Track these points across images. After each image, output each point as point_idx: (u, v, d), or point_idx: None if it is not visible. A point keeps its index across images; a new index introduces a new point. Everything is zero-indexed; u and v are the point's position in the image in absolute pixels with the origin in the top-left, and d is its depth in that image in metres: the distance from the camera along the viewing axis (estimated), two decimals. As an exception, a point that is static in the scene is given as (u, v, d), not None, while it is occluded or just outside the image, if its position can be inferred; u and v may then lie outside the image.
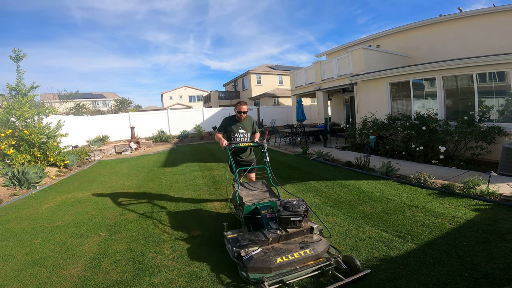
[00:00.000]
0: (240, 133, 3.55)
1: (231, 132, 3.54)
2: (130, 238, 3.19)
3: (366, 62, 9.28)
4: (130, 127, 13.20)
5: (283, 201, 2.59)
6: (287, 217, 2.41)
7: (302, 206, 2.46)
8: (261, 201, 2.80)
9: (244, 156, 3.61)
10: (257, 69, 26.22)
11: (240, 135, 3.55)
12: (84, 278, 2.42)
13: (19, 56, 7.24)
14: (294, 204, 2.47)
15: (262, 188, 3.20)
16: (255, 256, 2.22)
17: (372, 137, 7.68)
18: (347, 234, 2.98)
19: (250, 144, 3.43)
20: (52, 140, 7.56)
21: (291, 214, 2.42)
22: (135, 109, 28.54)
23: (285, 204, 2.51)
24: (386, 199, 3.99)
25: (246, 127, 3.59)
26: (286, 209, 2.45)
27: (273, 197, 2.94)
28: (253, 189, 3.18)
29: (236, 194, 2.89)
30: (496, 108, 6.11)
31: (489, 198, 3.65)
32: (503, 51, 6.49)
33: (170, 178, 6.24)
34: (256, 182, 3.36)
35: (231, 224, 3.07)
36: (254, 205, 2.71)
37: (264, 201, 2.82)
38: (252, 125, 3.67)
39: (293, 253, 2.22)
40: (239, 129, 3.55)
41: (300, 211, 2.43)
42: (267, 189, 3.18)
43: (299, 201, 2.55)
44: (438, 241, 2.68)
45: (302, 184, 5.01)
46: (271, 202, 2.77)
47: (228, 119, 3.62)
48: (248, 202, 2.76)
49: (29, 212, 4.31)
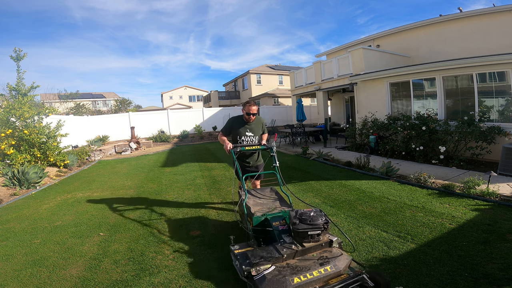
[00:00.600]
0: (248, 136, 3.20)
1: (238, 135, 3.18)
2: (130, 238, 3.19)
3: (366, 62, 9.28)
4: (130, 127, 13.20)
5: (299, 212, 2.28)
6: (305, 231, 2.11)
7: (321, 218, 2.18)
8: (271, 211, 2.52)
9: (251, 161, 3.29)
10: (257, 69, 26.21)
11: (247, 138, 3.20)
12: (84, 278, 2.42)
13: (19, 56, 7.24)
14: (312, 216, 2.19)
15: (271, 196, 2.91)
16: (268, 275, 1.94)
17: (372, 137, 7.68)
18: (347, 234, 2.97)
19: (256, 147, 3.10)
20: (52, 140, 7.56)
21: (309, 227, 2.11)
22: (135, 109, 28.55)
23: (301, 215, 2.23)
24: (386, 199, 3.99)
25: (255, 129, 3.22)
26: (303, 221, 2.17)
27: (284, 206, 2.66)
28: (261, 197, 2.87)
29: (244, 203, 2.59)
30: (496, 108, 6.11)
31: (489, 198, 3.65)
32: (503, 51, 6.50)
33: (170, 178, 6.24)
34: (264, 189, 3.06)
35: (237, 237, 2.80)
36: (264, 216, 2.45)
37: (275, 211, 2.53)
38: (261, 127, 3.31)
39: (312, 271, 1.95)
40: (246, 131, 3.18)
41: (319, 224, 2.13)
42: (277, 197, 2.89)
43: (317, 212, 2.27)
44: (438, 241, 2.68)
45: (302, 184, 5.01)
46: (282, 212, 2.51)
47: (235, 120, 3.23)
48: (257, 213, 2.49)
49: (29, 212, 4.31)
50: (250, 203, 2.69)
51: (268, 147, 3.07)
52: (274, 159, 2.96)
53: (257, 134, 3.26)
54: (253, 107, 3.11)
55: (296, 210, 2.34)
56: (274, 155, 2.97)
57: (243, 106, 3.19)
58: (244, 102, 3.19)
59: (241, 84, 27.75)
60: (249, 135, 3.21)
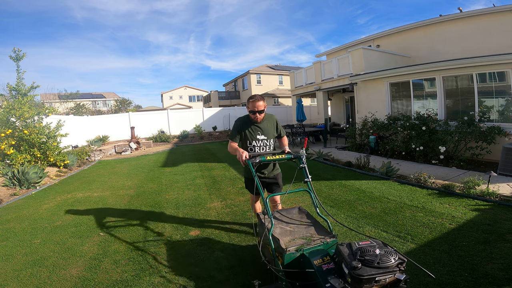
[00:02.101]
0: (260, 140, 2.59)
1: (247, 140, 2.59)
2: (130, 238, 3.19)
3: (366, 62, 9.29)
4: (130, 127, 13.20)
5: (355, 247, 1.57)
6: (372, 277, 1.40)
7: (393, 256, 1.46)
8: (308, 244, 1.84)
9: (266, 171, 2.68)
10: (257, 69, 26.22)
11: (260, 143, 2.59)
12: (84, 278, 2.42)
13: (19, 56, 7.24)
14: (380, 255, 1.47)
15: (302, 220, 2.21)
16: None
17: (372, 137, 7.68)
18: (347, 234, 2.97)
19: (280, 156, 2.41)
20: (52, 140, 7.56)
21: (379, 272, 1.41)
22: (135, 109, 28.57)
23: (362, 254, 1.48)
24: (386, 199, 3.99)
25: (267, 130, 2.61)
26: (367, 263, 1.44)
27: (324, 234, 1.97)
28: (289, 222, 2.17)
29: (270, 235, 1.90)
30: (496, 108, 6.11)
31: (489, 198, 3.65)
32: (503, 51, 6.50)
33: (170, 178, 6.24)
34: (290, 210, 2.36)
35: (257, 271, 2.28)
36: (300, 251, 1.78)
37: (314, 243, 1.84)
38: (275, 127, 2.70)
39: None
40: (257, 134, 2.58)
41: (392, 266, 1.43)
42: (310, 221, 2.19)
43: (379, 245, 1.56)
44: (438, 241, 2.68)
45: (302, 184, 5.00)
46: (324, 244, 1.85)
47: (242, 121, 2.63)
48: (290, 247, 1.79)
49: (29, 212, 4.31)
50: (277, 232, 2.01)
51: (295, 156, 2.36)
52: (305, 172, 2.27)
53: (271, 136, 2.65)
54: (258, 102, 2.48)
55: (348, 243, 1.63)
56: (304, 166, 2.29)
57: (247, 102, 2.56)
58: (249, 97, 2.56)
59: (241, 84, 27.75)
60: (261, 138, 2.59)
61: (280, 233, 2.02)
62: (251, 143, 2.60)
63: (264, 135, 2.60)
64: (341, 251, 1.59)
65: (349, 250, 1.58)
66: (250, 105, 2.51)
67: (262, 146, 2.61)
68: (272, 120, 2.71)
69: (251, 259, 2.58)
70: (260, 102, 2.49)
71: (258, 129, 2.59)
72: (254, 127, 2.59)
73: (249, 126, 2.60)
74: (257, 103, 2.48)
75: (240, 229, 3.27)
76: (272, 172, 2.74)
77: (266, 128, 2.62)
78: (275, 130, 2.70)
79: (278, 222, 2.16)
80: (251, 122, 2.60)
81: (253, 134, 2.58)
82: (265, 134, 2.61)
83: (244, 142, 2.63)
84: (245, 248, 2.79)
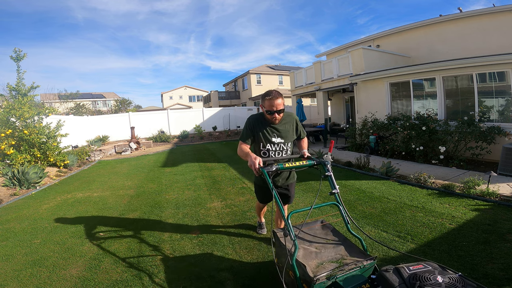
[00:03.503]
0: (276, 143, 2.18)
1: (260, 142, 2.20)
2: (130, 238, 3.18)
3: (366, 62, 9.29)
4: (130, 127, 13.21)
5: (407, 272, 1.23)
6: None
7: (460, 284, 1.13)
8: (341, 269, 1.48)
9: (280, 179, 2.31)
10: (257, 69, 26.22)
11: (275, 146, 2.19)
12: (84, 278, 2.42)
13: (19, 56, 7.24)
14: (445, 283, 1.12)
15: (327, 237, 1.85)
16: None
17: (372, 137, 7.68)
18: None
19: (301, 163, 1.99)
20: (52, 140, 7.56)
21: None
22: (135, 109, 28.58)
23: (422, 283, 1.13)
24: (386, 199, 3.99)
25: (285, 133, 2.20)
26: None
27: (358, 255, 1.61)
28: (312, 240, 1.82)
29: (294, 259, 1.54)
30: (496, 108, 6.11)
31: (489, 198, 3.65)
32: (503, 51, 6.50)
33: (170, 178, 6.24)
34: (313, 225, 2.00)
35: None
36: (332, 279, 1.43)
37: (349, 268, 1.49)
38: (295, 128, 2.28)
39: None
40: (273, 136, 2.17)
41: None
42: (337, 238, 1.83)
43: (438, 269, 1.23)
44: (438, 241, 2.68)
45: (302, 184, 5.00)
46: (361, 269, 1.50)
47: (255, 120, 2.22)
48: (319, 274, 1.43)
49: (29, 212, 4.31)
50: (300, 255, 1.63)
51: (319, 162, 1.99)
52: (331, 181, 1.87)
53: (289, 140, 2.23)
54: (276, 100, 2.05)
55: (395, 268, 1.28)
56: (330, 174, 1.88)
57: (261, 99, 2.15)
58: (263, 94, 2.12)
59: (241, 84, 27.75)
60: (277, 141, 2.19)
61: (304, 255, 1.63)
62: (265, 146, 2.19)
63: (281, 138, 2.19)
64: (389, 279, 1.21)
65: (399, 277, 1.21)
66: (267, 104, 2.07)
67: (278, 150, 2.20)
68: (292, 120, 2.27)
69: (251, 259, 2.58)
70: (279, 100, 2.06)
71: (274, 131, 2.18)
72: (270, 129, 2.17)
73: (265, 127, 2.18)
74: (275, 101, 2.04)
75: (240, 229, 3.27)
76: (287, 180, 2.35)
77: (285, 130, 2.20)
78: (295, 132, 2.28)
79: (299, 241, 1.76)
80: (267, 123, 2.18)
81: (268, 137, 2.18)
82: (282, 137, 2.19)
83: (257, 145, 2.23)
84: (245, 248, 2.79)
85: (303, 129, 2.36)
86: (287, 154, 2.25)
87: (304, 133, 2.38)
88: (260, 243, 2.86)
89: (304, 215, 3.38)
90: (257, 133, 2.19)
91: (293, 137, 2.28)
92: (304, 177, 5.49)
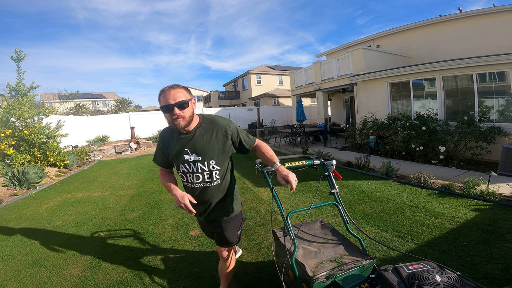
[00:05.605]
0: (191, 162, 1.54)
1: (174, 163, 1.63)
2: (130, 238, 3.19)
3: (366, 62, 9.29)
4: (130, 127, 13.20)
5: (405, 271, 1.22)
6: None
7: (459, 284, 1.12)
8: (340, 268, 1.49)
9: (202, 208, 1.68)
10: (257, 69, 26.23)
11: (191, 167, 1.55)
12: (84, 278, 2.42)
13: (20, 56, 7.25)
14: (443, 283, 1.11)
15: (326, 237, 1.86)
16: None
17: (372, 137, 7.68)
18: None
19: (301, 163, 1.91)
20: (52, 140, 7.56)
21: None
22: (135, 109, 28.60)
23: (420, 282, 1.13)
24: (386, 199, 3.99)
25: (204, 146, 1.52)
26: None
27: (357, 255, 1.62)
28: (311, 239, 1.83)
29: (293, 259, 1.54)
30: (496, 108, 6.11)
31: (489, 198, 3.65)
32: (503, 51, 6.50)
33: (170, 178, 6.23)
34: (312, 225, 2.00)
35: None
36: (332, 278, 1.44)
37: (348, 267, 1.50)
38: (225, 141, 1.57)
39: None
40: (185, 153, 1.53)
41: None
42: (336, 237, 1.84)
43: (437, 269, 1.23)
44: (438, 241, 2.68)
45: (302, 184, 5.00)
46: (360, 268, 1.51)
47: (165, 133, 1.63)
48: (318, 274, 1.44)
49: (29, 212, 4.31)
50: (299, 255, 1.64)
51: (319, 162, 1.92)
52: (330, 180, 1.82)
53: (214, 157, 1.54)
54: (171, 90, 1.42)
55: (393, 268, 1.28)
56: (331, 174, 1.86)
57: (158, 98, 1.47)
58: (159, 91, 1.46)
59: (241, 84, 27.76)
60: (192, 159, 1.53)
61: (303, 255, 1.64)
62: (179, 168, 1.58)
63: (196, 153, 1.51)
64: (388, 279, 1.21)
65: (397, 277, 1.21)
66: (162, 100, 1.42)
67: (196, 173, 1.54)
68: (218, 127, 1.55)
69: (251, 259, 2.58)
70: (176, 90, 1.42)
71: (185, 142, 1.52)
72: (180, 141, 1.53)
73: (174, 139, 1.55)
74: (170, 91, 1.41)
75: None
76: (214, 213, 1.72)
77: (202, 141, 1.51)
78: (226, 145, 1.57)
79: (299, 241, 1.77)
80: (176, 133, 1.54)
81: (177, 153, 1.54)
82: (198, 153, 1.51)
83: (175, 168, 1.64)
84: (245, 248, 2.79)
85: (248, 136, 1.69)
86: (211, 180, 1.57)
87: (253, 139, 1.71)
88: (260, 243, 2.87)
89: (303, 214, 3.38)
90: (170, 150, 1.57)
91: (223, 153, 1.57)
92: (303, 177, 5.50)
